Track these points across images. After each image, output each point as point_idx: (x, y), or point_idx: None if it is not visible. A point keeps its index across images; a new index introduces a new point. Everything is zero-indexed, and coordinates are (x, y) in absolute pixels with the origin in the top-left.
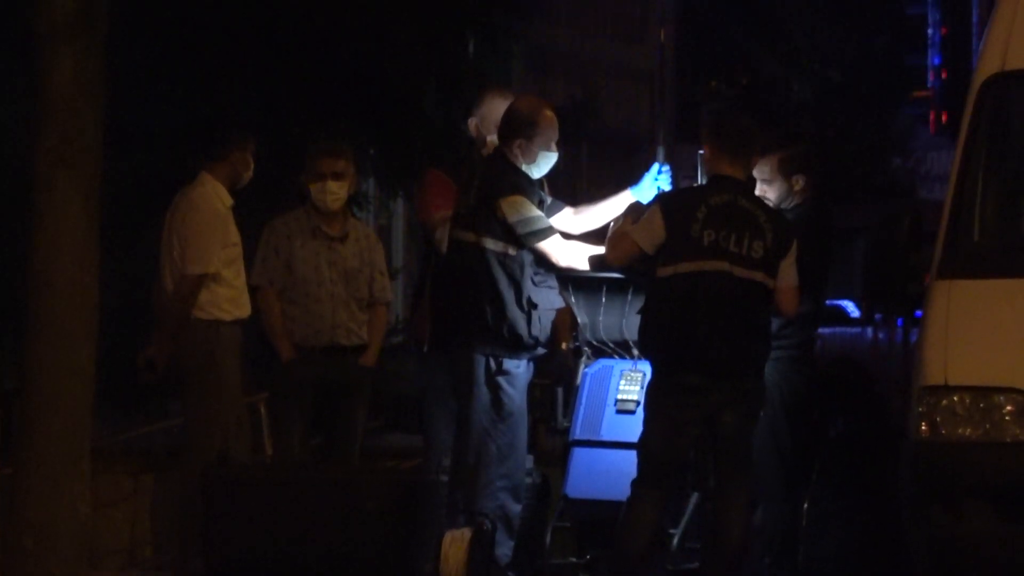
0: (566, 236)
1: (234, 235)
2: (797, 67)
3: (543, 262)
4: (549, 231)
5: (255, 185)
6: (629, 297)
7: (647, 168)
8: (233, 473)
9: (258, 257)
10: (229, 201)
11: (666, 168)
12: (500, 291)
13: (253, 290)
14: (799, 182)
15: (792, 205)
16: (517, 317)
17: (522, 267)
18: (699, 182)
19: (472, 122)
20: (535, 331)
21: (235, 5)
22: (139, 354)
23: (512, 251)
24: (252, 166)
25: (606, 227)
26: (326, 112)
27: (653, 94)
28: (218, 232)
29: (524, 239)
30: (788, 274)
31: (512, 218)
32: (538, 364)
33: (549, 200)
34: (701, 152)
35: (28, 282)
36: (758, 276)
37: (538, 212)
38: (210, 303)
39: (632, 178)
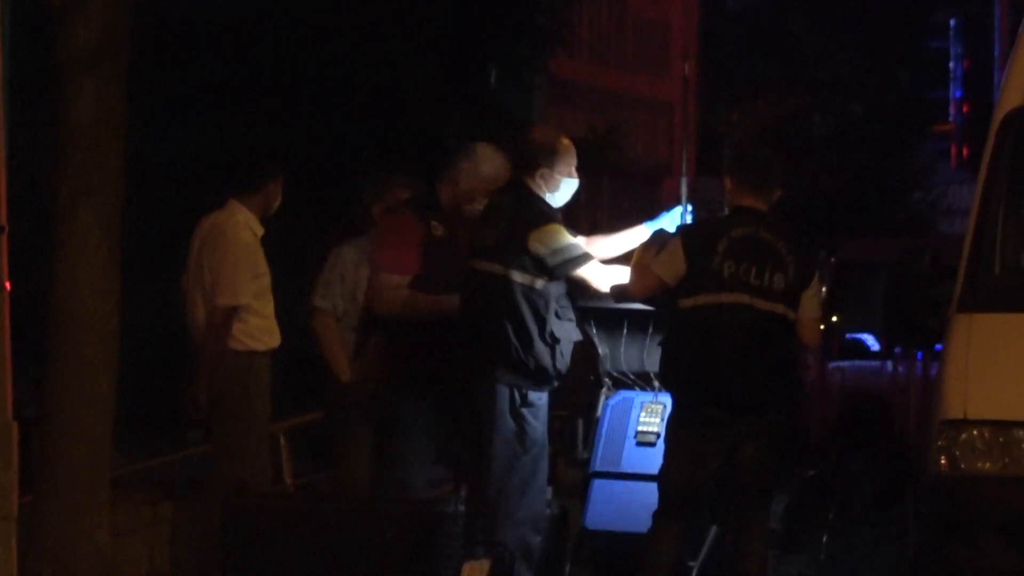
0: None
1: (262, 265)
2: (819, 100)
3: (577, 290)
4: (586, 257)
5: (280, 215)
6: (650, 329)
7: (668, 201)
8: (252, 503)
9: (321, 280)
10: (260, 231)
11: (688, 209)
12: (526, 324)
13: (312, 312)
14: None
15: None
16: (542, 351)
17: (546, 301)
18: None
19: None
20: (559, 364)
21: (259, 39)
22: (182, 395)
23: (538, 284)
24: (280, 196)
25: (630, 255)
26: (350, 143)
27: (674, 126)
28: (248, 263)
29: (560, 268)
30: (810, 306)
31: (544, 250)
32: (554, 395)
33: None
34: None
35: (49, 311)
36: (779, 308)
37: (573, 240)
38: (245, 334)
39: (652, 211)
